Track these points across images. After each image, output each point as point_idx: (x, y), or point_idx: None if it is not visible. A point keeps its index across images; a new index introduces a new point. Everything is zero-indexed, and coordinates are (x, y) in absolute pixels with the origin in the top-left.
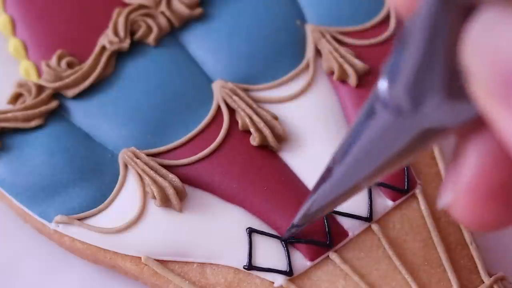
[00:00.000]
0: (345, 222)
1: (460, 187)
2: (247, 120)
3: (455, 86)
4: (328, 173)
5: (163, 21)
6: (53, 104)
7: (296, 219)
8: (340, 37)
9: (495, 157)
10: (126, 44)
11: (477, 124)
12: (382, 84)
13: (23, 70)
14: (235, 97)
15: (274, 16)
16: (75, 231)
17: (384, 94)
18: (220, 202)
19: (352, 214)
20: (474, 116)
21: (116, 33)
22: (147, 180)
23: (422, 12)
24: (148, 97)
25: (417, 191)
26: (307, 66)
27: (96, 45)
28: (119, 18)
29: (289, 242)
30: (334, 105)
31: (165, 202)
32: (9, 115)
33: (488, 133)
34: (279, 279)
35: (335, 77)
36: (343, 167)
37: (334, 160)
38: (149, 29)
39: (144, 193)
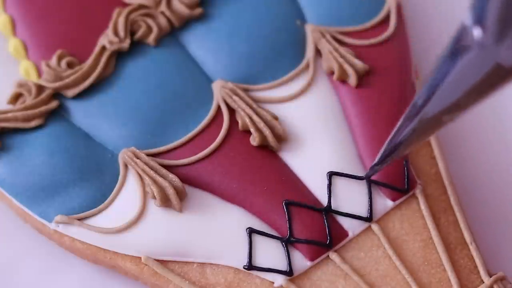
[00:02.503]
0: (345, 222)
1: None
2: (247, 120)
3: None
4: (413, 108)
5: (163, 21)
6: (53, 104)
7: (379, 157)
8: (340, 37)
9: None
10: (126, 44)
11: None
12: (468, 21)
13: (23, 70)
14: (235, 97)
15: (274, 16)
16: (75, 231)
17: (470, 30)
18: (220, 202)
19: (352, 214)
20: None
21: (116, 33)
22: (147, 180)
23: None
24: (148, 97)
25: (417, 191)
26: (307, 66)
27: (96, 45)
28: (119, 18)
29: (289, 242)
30: (334, 105)
31: (165, 202)
32: (9, 115)
33: None
34: (279, 279)
35: (335, 77)
36: (427, 100)
37: (418, 96)
38: (149, 29)
39: (144, 193)
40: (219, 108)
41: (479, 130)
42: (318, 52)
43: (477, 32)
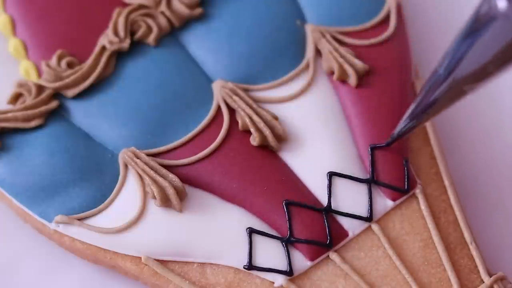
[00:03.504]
0: (345, 222)
1: None
2: (247, 120)
3: None
4: (434, 75)
5: (163, 21)
6: (53, 104)
7: (401, 124)
8: (340, 37)
9: None
10: (126, 44)
11: None
12: None
13: (23, 70)
14: (235, 97)
15: (274, 16)
16: (75, 231)
17: (494, 2)
18: (220, 202)
19: (352, 214)
20: None
21: (116, 33)
22: (147, 180)
23: None
24: (148, 97)
25: (417, 191)
26: (307, 66)
27: (96, 45)
28: (119, 18)
29: (289, 242)
30: (334, 105)
31: (165, 202)
32: (9, 115)
33: None
34: (279, 279)
35: (335, 77)
36: (450, 70)
37: (440, 64)
38: (149, 29)
39: (144, 193)
40: (219, 108)
41: (479, 130)
42: (318, 52)
43: (501, 4)
